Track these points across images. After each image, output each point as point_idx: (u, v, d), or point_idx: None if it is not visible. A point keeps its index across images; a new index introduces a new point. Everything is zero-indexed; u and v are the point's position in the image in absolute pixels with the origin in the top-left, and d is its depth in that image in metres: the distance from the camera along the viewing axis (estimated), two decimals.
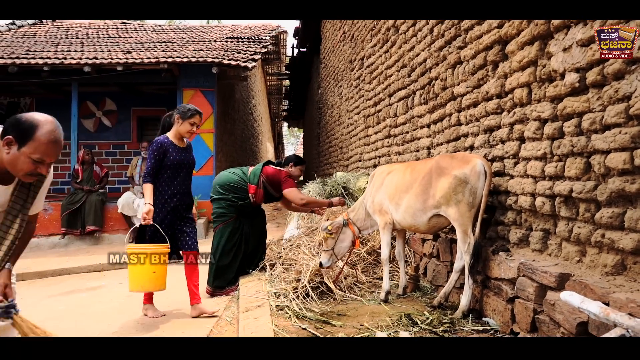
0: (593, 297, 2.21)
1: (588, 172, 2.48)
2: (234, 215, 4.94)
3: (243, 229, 4.98)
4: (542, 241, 2.90)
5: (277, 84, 23.64)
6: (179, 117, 4.20)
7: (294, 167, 5.19)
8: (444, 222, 3.51)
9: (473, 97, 3.70)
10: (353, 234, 4.12)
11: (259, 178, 4.95)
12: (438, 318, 3.18)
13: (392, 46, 5.91)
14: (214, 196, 5.03)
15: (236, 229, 4.94)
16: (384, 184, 3.95)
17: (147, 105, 11.85)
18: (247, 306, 3.73)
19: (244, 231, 4.98)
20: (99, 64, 8.68)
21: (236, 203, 4.93)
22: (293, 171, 5.15)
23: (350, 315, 3.52)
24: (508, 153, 3.21)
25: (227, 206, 4.94)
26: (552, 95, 2.73)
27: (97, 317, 4.35)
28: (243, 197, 4.94)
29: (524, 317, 2.74)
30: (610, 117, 2.26)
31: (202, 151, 9.27)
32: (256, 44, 11.08)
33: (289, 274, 4.32)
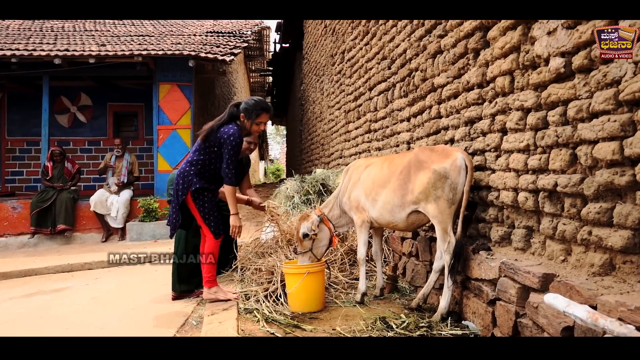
0: (579, 300, 2.02)
1: (574, 165, 2.30)
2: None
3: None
4: (525, 239, 2.72)
5: (261, 80, 23.37)
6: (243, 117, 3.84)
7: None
8: (424, 219, 3.32)
9: (453, 87, 3.51)
10: (330, 231, 3.86)
11: None
12: (415, 321, 2.99)
13: (372, 38, 5.71)
14: (168, 198, 4.68)
15: (197, 228, 4.62)
16: (361, 178, 3.72)
17: (123, 100, 11.50)
18: (213, 309, 3.50)
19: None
20: (70, 56, 8.32)
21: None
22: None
23: (322, 318, 3.31)
24: (489, 146, 3.03)
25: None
26: (536, 83, 2.54)
27: (55, 321, 4.07)
28: None
29: (505, 321, 2.56)
30: (598, 104, 2.08)
31: (179, 147, 8.98)
32: (237, 38, 10.80)
33: (262, 274, 4.09)
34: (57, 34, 10.72)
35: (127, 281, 5.65)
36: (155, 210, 8.37)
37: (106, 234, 8.58)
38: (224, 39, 10.49)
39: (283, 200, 6.06)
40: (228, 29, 11.97)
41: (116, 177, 8.76)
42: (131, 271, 6.28)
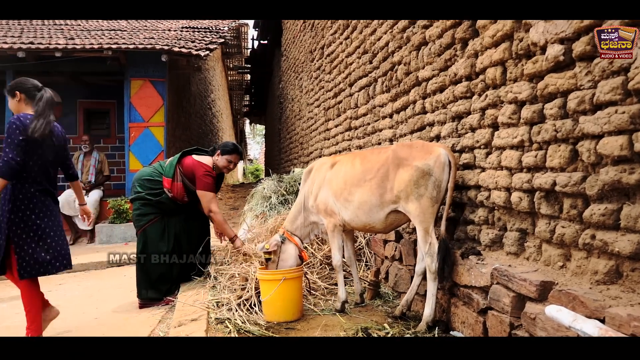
0: (584, 312, 1.82)
1: (575, 162, 2.10)
2: (156, 215, 4.29)
3: (172, 229, 4.33)
4: (518, 243, 2.51)
5: (239, 79, 22.99)
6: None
7: (221, 155, 4.30)
8: (403, 219, 3.11)
9: (439, 80, 3.30)
10: (296, 247, 3.56)
11: (175, 170, 4.26)
12: (399, 332, 2.77)
13: (353, 31, 5.48)
14: (131, 197, 4.40)
15: (163, 231, 4.29)
16: (327, 178, 3.45)
17: (94, 97, 11.00)
18: (181, 319, 3.21)
19: (174, 232, 4.33)
20: (35, 49, 7.87)
21: (151, 201, 4.25)
22: (219, 160, 4.30)
23: (300, 329, 3.06)
24: (479, 142, 2.81)
25: (143, 205, 4.27)
26: (531, 73, 2.34)
27: (7, 332, 3.73)
28: (157, 193, 4.26)
29: (498, 332, 2.35)
30: (604, 95, 1.88)
31: (152, 146, 8.59)
32: (213, 34, 10.47)
33: (235, 280, 3.82)
34: (24, 27, 10.23)
35: (93, 287, 5.30)
36: (126, 212, 7.98)
37: (74, 236, 8.16)
38: (200, 35, 10.15)
39: (260, 200, 5.78)
40: (204, 25, 11.63)
41: (84, 176, 8.35)
42: (98, 276, 5.93)
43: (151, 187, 4.29)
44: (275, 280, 3.22)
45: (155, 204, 4.27)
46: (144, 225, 4.26)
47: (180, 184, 4.27)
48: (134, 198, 4.33)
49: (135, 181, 4.37)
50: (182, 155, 4.39)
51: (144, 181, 4.31)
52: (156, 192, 4.26)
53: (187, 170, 4.27)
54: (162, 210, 4.30)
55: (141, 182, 4.32)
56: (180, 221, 4.38)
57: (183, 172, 4.27)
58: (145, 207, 4.27)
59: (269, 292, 3.21)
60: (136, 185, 4.34)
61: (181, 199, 4.32)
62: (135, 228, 4.35)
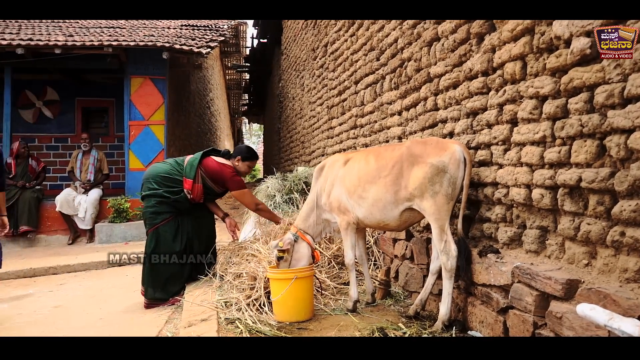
0: (616, 311, 1.77)
1: (602, 157, 2.04)
2: (171, 214, 4.20)
3: (185, 229, 4.26)
4: (538, 241, 2.46)
5: (237, 78, 22.88)
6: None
7: (242, 162, 4.31)
8: (417, 217, 3.06)
9: (453, 76, 3.25)
10: (309, 246, 3.47)
11: (197, 171, 4.19)
12: (416, 332, 2.71)
13: (358, 28, 5.43)
14: (144, 193, 4.25)
15: (177, 230, 4.19)
16: (340, 175, 3.39)
17: (93, 95, 10.92)
18: (190, 320, 3.14)
19: (187, 232, 4.26)
20: (34, 46, 7.77)
21: (168, 199, 4.16)
22: (239, 166, 4.31)
23: (313, 329, 3.00)
24: (497, 138, 2.76)
25: (159, 203, 4.16)
26: (554, 67, 2.29)
27: (9, 333, 3.65)
28: (177, 191, 4.18)
29: (520, 332, 2.30)
30: (635, 88, 1.83)
31: (152, 144, 8.51)
32: (213, 32, 10.39)
33: (243, 279, 3.75)
34: (22, 24, 10.11)
35: (95, 287, 5.22)
36: (126, 211, 7.90)
37: (73, 235, 8.08)
38: (200, 32, 10.08)
39: (264, 199, 5.72)
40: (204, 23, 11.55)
41: (83, 175, 8.27)
42: (100, 275, 5.86)
43: (170, 185, 4.19)
44: (287, 279, 3.16)
45: (172, 203, 4.18)
46: (157, 224, 4.16)
47: (201, 185, 4.19)
48: (148, 195, 4.20)
49: (149, 178, 4.24)
50: (202, 157, 4.30)
51: (161, 178, 4.19)
52: (175, 190, 4.17)
53: (210, 172, 4.21)
54: (177, 209, 4.22)
55: (158, 180, 4.19)
56: (191, 220, 4.31)
57: (205, 174, 4.21)
58: (161, 205, 4.17)
59: (280, 291, 3.15)
60: (151, 182, 4.21)
61: (199, 200, 4.25)
62: (147, 226, 4.23)
